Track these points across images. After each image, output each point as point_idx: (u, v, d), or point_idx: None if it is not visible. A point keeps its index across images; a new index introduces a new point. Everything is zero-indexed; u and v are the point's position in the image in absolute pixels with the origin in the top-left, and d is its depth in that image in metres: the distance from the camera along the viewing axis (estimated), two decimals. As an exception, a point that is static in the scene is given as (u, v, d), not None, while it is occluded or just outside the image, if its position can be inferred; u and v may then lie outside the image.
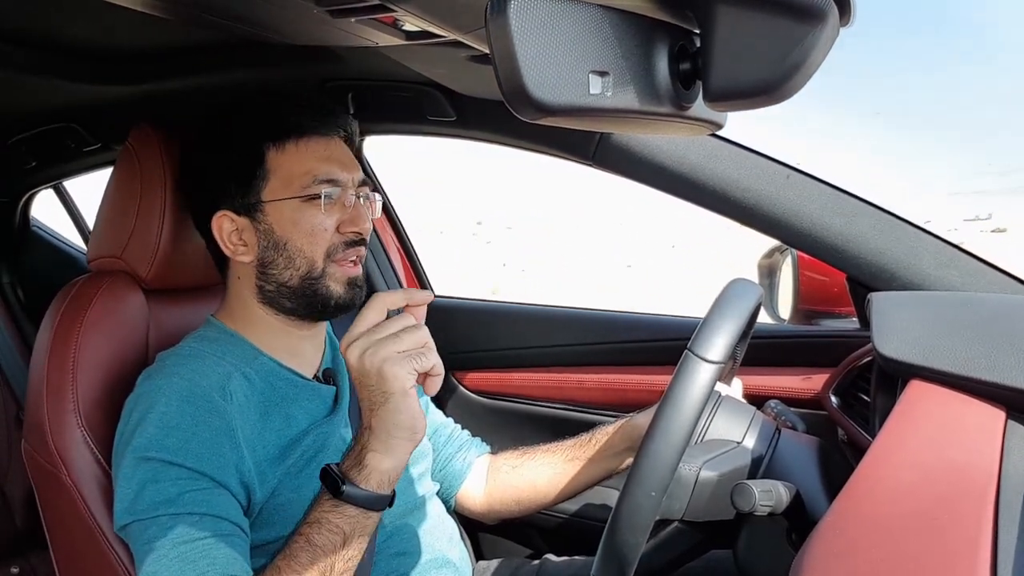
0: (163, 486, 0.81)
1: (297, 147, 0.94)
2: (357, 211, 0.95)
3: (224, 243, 0.95)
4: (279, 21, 0.90)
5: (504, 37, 0.44)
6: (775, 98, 0.48)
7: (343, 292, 0.95)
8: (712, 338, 0.75)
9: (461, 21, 0.68)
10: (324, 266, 0.94)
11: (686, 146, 1.13)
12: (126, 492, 0.83)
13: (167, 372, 0.90)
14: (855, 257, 1.10)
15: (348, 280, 0.95)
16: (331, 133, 0.97)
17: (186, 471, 0.82)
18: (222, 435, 0.85)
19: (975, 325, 0.84)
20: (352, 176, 0.96)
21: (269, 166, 0.93)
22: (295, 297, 0.95)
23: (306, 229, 0.92)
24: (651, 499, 0.73)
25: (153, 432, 0.84)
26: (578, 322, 1.46)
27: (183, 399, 0.86)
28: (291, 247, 0.93)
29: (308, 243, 0.93)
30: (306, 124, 0.94)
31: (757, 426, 0.92)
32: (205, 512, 0.81)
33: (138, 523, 0.81)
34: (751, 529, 0.85)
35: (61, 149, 1.51)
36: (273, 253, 0.93)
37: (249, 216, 0.94)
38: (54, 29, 1.05)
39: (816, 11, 0.45)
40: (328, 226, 0.93)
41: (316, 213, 0.92)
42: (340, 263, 0.94)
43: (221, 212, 0.94)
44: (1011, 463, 0.63)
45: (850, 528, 0.61)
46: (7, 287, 1.89)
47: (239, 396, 0.89)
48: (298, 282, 0.94)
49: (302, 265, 0.93)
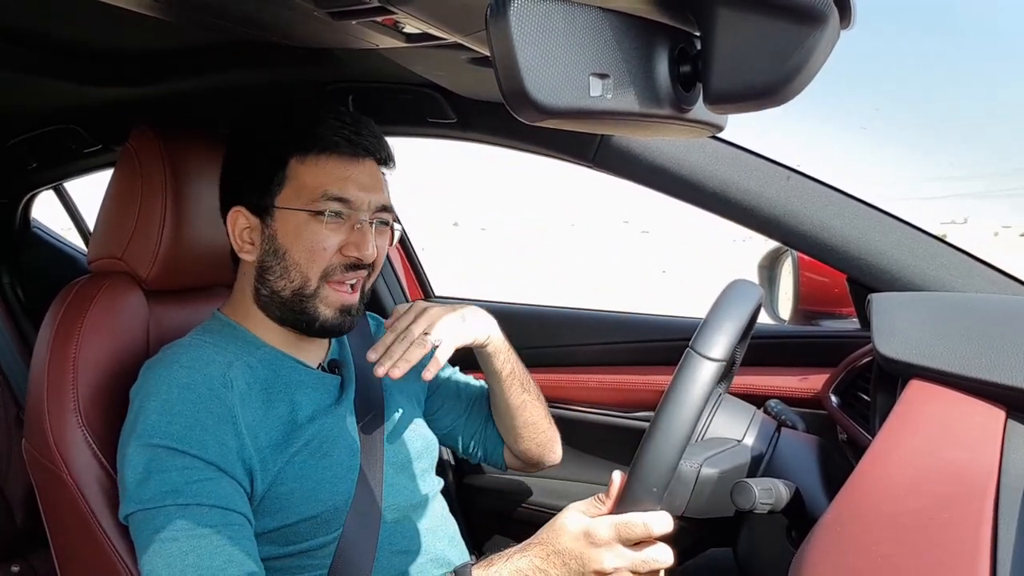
0: (169, 475, 0.81)
1: (318, 161, 0.93)
2: (362, 235, 0.93)
3: (235, 237, 0.96)
4: (280, 23, 0.90)
5: (504, 39, 0.44)
6: (775, 101, 0.48)
7: (331, 316, 0.94)
8: (713, 336, 0.76)
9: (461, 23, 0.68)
10: (318, 286, 0.93)
11: (686, 148, 1.13)
12: (131, 479, 0.83)
13: (168, 361, 0.90)
14: (855, 258, 1.10)
15: (341, 306, 0.94)
16: (359, 154, 0.95)
17: (191, 459, 0.82)
18: (224, 422, 0.85)
19: (975, 325, 0.84)
20: (369, 199, 0.94)
21: (289, 173, 0.93)
22: (284, 308, 0.95)
23: (306, 244, 0.92)
24: (652, 495, 0.73)
25: (155, 419, 0.84)
26: (582, 322, 1.46)
27: (183, 387, 0.86)
28: (289, 258, 0.93)
29: (305, 258, 0.92)
30: (333, 140, 0.93)
31: (757, 425, 0.92)
32: (213, 504, 0.81)
33: (143, 512, 0.81)
34: (751, 527, 0.86)
35: (62, 150, 1.52)
36: (272, 259, 0.94)
37: (261, 217, 0.94)
38: (55, 30, 1.05)
39: (816, 13, 0.45)
40: (329, 245, 0.92)
41: (319, 230, 0.92)
42: (335, 286, 0.94)
43: (238, 207, 0.95)
44: (1010, 462, 0.64)
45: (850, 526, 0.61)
46: (7, 287, 1.89)
47: (241, 383, 0.90)
48: (290, 295, 0.94)
49: (296, 278, 0.93)
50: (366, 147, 0.95)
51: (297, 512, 0.89)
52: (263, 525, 0.88)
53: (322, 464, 0.92)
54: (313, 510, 0.90)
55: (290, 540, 0.90)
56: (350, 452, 0.96)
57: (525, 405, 1.12)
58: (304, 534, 0.90)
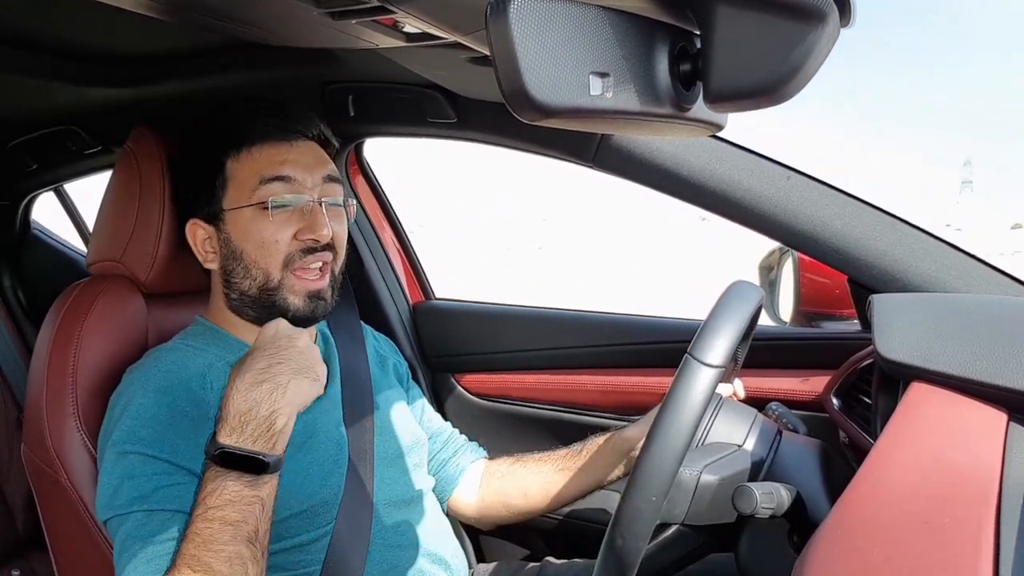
0: (139, 482, 0.82)
1: (251, 153, 0.93)
2: (315, 217, 0.93)
3: (197, 250, 0.97)
4: (280, 24, 0.90)
5: (504, 38, 0.44)
6: (775, 99, 0.47)
7: (301, 305, 0.94)
8: (712, 342, 0.75)
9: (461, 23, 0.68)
10: (281, 277, 0.93)
11: (686, 147, 1.13)
12: (106, 486, 0.84)
13: (147, 366, 0.91)
14: (856, 259, 1.10)
15: (308, 293, 0.95)
16: (291, 137, 0.95)
17: (162, 464, 0.83)
18: (200, 424, 0.85)
19: (976, 327, 0.83)
20: (312, 176, 0.94)
21: (228, 174, 0.94)
22: (256, 306, 0.95)
23: (257, 240, 0.92)
24: (652, 504, 0.72)
25: (130, 424, 0.85)
26: (579, 324, 1.46)
27: (159, 390, 0.87)
28: (247, 257, 0.93)
29: (260, 254, 0.93)
30: (259, 129, 0.93)
31: (758, 429, 0.91)
32: (177, 509, 0.81)
33: (116, 518, 0.82)
34: (752, 531, 0.85)
35: (62, 152, 1.52)
36: (232, 263, 0.94)
37: (214, 225, 0.95)
38: (55, 32, 1.05)
39: (816, 12, 0.45)
40: (280, 237, 0.92)
41: (266, 223, 0.92)
42: (299, 274, 0.94)
43: (193, 220, 0.96)
44: (1013, 465, 0.63)
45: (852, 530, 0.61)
46: (8, 290, 1.89)
47: (220, 384, 0.89)
48: (257, 292, 0.94)
49: (258, 275, 0.93)
50: (297, 129, 0.95)
51: (286, 507, 0.89)
52: None
53: (308, 459, 0.92)
54: (302, 504, 0.91)
55: (281, 536, 0.90)
56: (336, 446, 0.96)
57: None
58: (295, 529, 0.90)
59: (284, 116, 0.95)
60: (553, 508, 1.12)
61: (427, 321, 1.53)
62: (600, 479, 1.08)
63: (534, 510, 1.13)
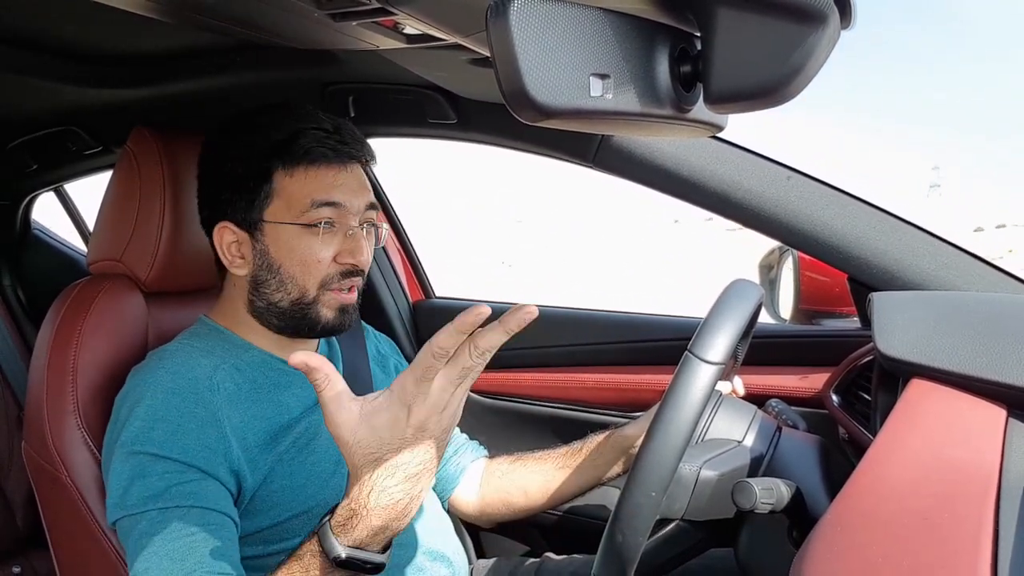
0: (151, 481, 0.82)
1: (307, 173, 0.92)
2: (356, 242, 0.94)
3: (223, 253, 0.95)
4: (280, 25, 0.90)
5: (505, 40, 0.44)
6: (776, 100, 0.48)
7: (333, 317, 0.95)
8: (712, 339, 0.75)
9: (462, 24, 0.68)
10: (317, 295, 0.94)
11: (687, 148, 1.13)
12: (116, 487, 0.83)
13: (153, 367, 0.91)
14: (856, 257, 1.10)
15: (340, 306, 0.95)
16: (346, 161, 0.95)
17: (173, 463, 0.83)
18: (208, 425, 0.86)
19: (976, 324, 0.84)
20: (358, 202, 0.94)
21: (276, 186, 0.92)
22: (284, 317, 0.95)
23: (300, 258, 0.92)
24: (651, 499, 0.73)
25: (140, 426, 0.84)
26: (579, 322, 1.46)
27: (168, 392, 0.87)
28: (284, 272, 0.93)
29: (301, 271, 0.93)
30: (320, 152, 0.92)
31: (758, 425, 0.92)
32: (192, 504, 0.81)
33: (128, 518, 0.82)
34: (752, 527, 0.85)
35: (62, 152, 1.52)
36: (266, 274, 0.94)
37: (249, 232, 0.94)
38: (55, 32, 1.05)
39: (817, 13, 0.45)
40: (323, 257, 0.92)
41: (313, 242, 0.92)
42: (335, 293, 0.95)
43: (224, 222, 0.95)
44: (1012, 462, 0.63)
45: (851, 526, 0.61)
46: (8, 289, 1.89)
47: (227, 385, 0.90)
48: (288, 305, 0.94)
49: (293, 290, 0.93)
50: (351, 153, 0.95)
51: (288, 509, 0.90)
52: (256, 524, 0.89)
53: (309, 460, 0.93)
54: (303, 505, 0.91)
55: (283, 537, 0.90)
56: (337, 448, 0.96)
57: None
58: (296, 530, 0.91)
59: (342, 140, 0.94)
60: (553, 505, 1.13)
61: (427, 320, 1.53)
62: (600, 476, 1.08)
63: (535, 508, 1.14)
